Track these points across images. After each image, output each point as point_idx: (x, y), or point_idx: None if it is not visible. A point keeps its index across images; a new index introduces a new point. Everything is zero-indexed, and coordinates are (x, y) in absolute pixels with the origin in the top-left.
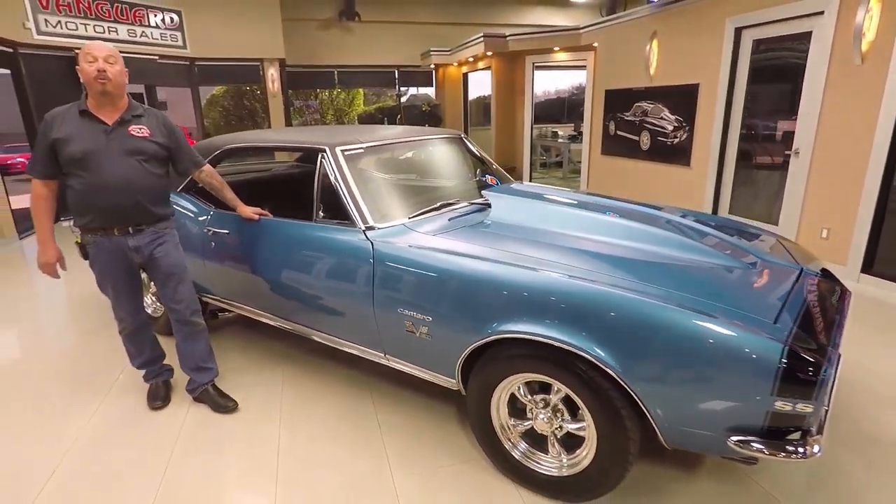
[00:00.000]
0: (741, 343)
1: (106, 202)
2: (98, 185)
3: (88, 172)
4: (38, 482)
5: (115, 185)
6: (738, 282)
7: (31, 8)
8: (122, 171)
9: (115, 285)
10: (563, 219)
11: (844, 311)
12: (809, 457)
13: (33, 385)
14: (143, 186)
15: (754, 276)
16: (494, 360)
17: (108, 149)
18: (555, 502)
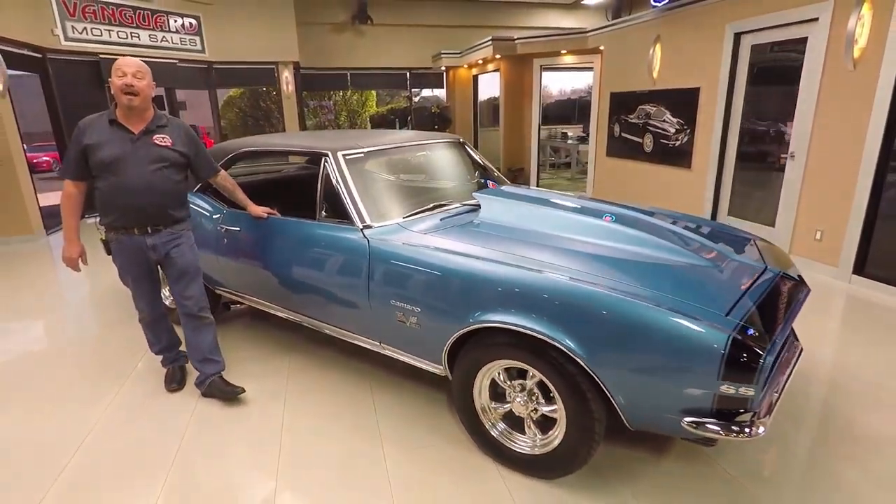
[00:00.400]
0: (691, 333)
1: (129, 203)
2: (123, 187)
3: (115, 176)
4: (68, 453)
5: (138, 188)
6: (700, 279)
7: (59, 15)
8: (145, 176)
9: (135, 279)
10: (546, 220)
11: (795, 307)
12: (754, 436)
13: (61, 370)
14: (163, 190)
15: (717, 273)
16: (476, 348)
17: (133, 156)
18: (529, 478)
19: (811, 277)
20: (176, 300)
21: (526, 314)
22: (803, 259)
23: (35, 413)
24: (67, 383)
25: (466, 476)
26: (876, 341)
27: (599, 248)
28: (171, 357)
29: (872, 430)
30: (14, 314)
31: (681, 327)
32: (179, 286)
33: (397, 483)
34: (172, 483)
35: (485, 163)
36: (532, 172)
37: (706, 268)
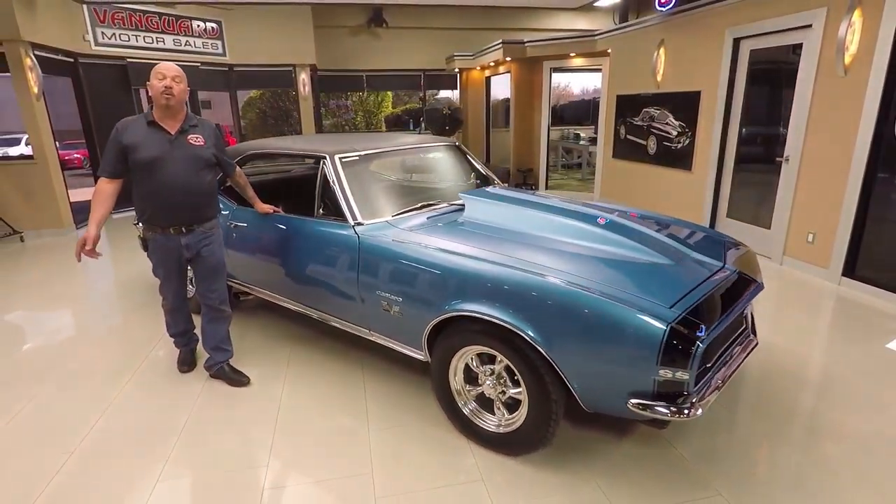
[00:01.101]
0: (634, 322)
1: (166, 202)
2: (161, 186)
3: (153, 176)
4: (90, 422)
5: (175, 186)
6: (655, 274)
7: (90, 22)
8: (182, 174)
9: (167, 274)
10: (524, 219)
11: (742, 302)
12: (692, 417)
13: (87, 351)
14: (198, 189)
15: (673, 270)
16: (452, 335)
17: (170, 155)
18: (498, 455)
19: (803, 279)
20: (200, 293)
21: (493, 304)
22: (796, 261)
23: (64, 388)
24: (91, 363)
25: (441, 451)
26: (853, 340)
27: (569, 247)
28: (184, 341)
29: (828, 422)
30: (46, 301)
31: (625, 317)
32: (206, 283)
33: (377, 455)
34: (180, 449)
35: (480, 165)
36: (541, 173)
37: (664, 265)
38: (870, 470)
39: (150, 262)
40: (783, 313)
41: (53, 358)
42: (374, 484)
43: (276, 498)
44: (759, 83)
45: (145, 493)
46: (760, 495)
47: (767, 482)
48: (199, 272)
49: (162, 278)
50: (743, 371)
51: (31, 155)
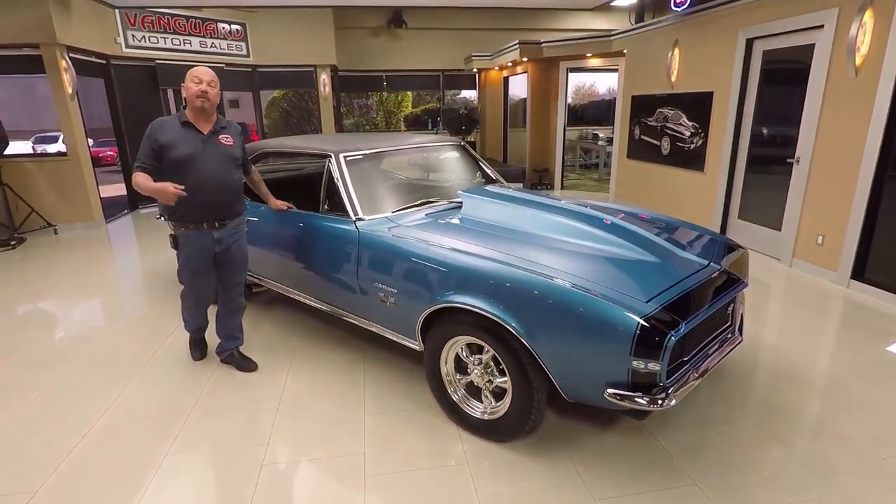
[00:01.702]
0: (610, 315)
1: (200, 199)
2: (195, 184)
3: (187, 173)
4: (112, 398)
5: (208, 184)
6: (637, 270)
7: (121, 25)
8: (215, 173)
9: (197, 271)
10: (518, 217)
11: (722, 298)
12: (665, 407)
13: (110, 338)
14: (229, 186)
15: (655, 266)
16: (443, 325)
17: (203, 154)
18: (484, 441)
19: (811, 281)
20: (224, 286)
21: (480, 296)
22: (805, 263)
23: (88, 369)
24: (113, 347)
25: (431, 437)
26: (855, 342)
27: (558, 244)
28: (201, 334)
29: (814, 421)
30: (76, 290)
31: (602, 310)
32: (232, 275)
33: (371, 438)
34: (188, 427)
35: (485, 164)
36: (557, 173)
37: (649, 262)
38: (848, 468)
39: (179, 259)
40: (787, 314)
41: (80, 342)
42: (366, 464)
43: (273, 473)
44: (772, 84)
45: (154, 465)
46: (736, 488)
47: (745, 476)
48: (226, 265)
49: (189, 277)
50: (737, 369)
51: (65, 152)
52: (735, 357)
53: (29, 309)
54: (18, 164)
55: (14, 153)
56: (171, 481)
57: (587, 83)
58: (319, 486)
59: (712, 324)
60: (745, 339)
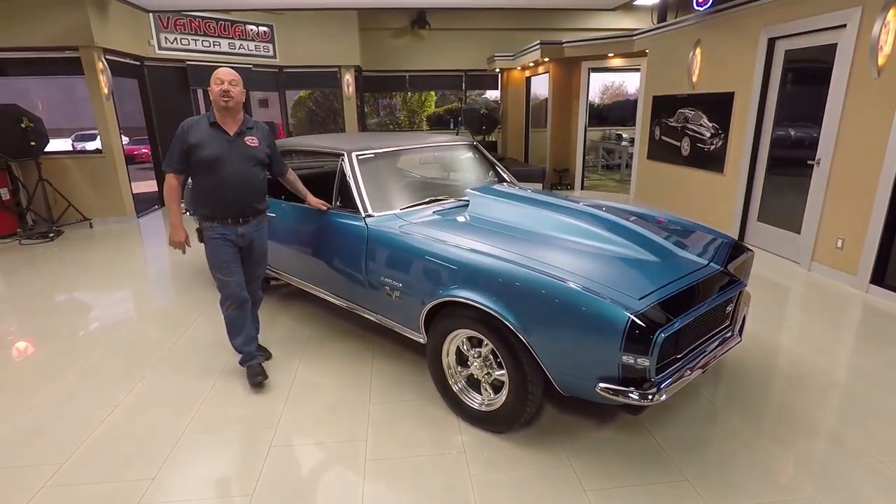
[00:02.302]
0: (602, 310)
1: (225, 197)
2: (221, 183)
3: (214, 173)
4: (132, 385)
5: (234, 183)
6: (634, 268)
7: (154, 28)
8: (240, 172)
9: (226, 264)
10: (523, 216)
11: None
12: (655, 402)
13: (135, 325)
14: (253, 185)
15: (653, 265)
16: (445, 318)
17: (230, 154)
18: (482, 431)
19: (829, 285)
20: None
21: (479, 291)
22: (824, 267)
23: (116, 355)
24: (139, 334)
25: (432, 426)
26: (867, 347)
27: (560, 242)
28: (251, 354)
29: (815, 423)
30: (108, 280)
31: (595, 306)
32: (253, 269)
33: (374, 425)
34: (203, 410)
35: (497, 164)
36: (577, 173)
37: (647, 261)
38: (845, 470)
39: (207, 255)
40: (801, 318)
41: (109, 328)
42: (367, 449)
43: (280, 454)
44: (794, 84)
45: (172, 442)
46: (726, 485)
47: (737, 473)
48: (248, 259)
49: (222, 271)
50: (744, 370)
51: (101, 149)
52: (743, 358)
53: (65, 297)
54: (57, 161)
55: (53, 150)
56: (186, 457)
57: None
58: (322, 467)
59: (709, 323)
60: (755, 340)
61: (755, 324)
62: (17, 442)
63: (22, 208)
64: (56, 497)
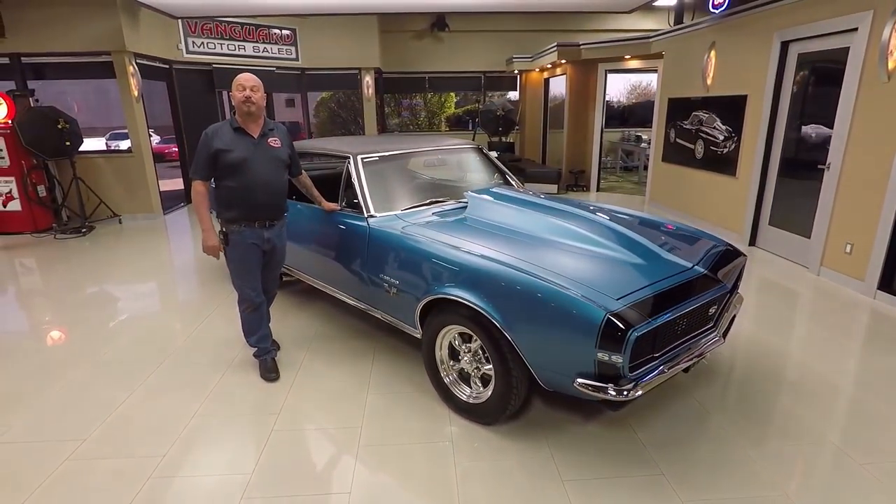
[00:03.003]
0: (580, 309)
1: (254, 200)
2: (249, 185)
3: (241, 176)
4: (151, 370)
5: (261, 185)
6: (617, 270)
7: (182, 32)
8: (266, 174)
9: (249, 268)
10: (518, 217)
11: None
12: (630, 398)
13: (157, 315)
14: (278, 187)
15: (637, 267)
16: (439, 314)
17: (255, 157)
18: (470, 422)
19: (836, 290)
20: (264, 281)
21: (468, 289)
22: (832, 272)
23: (139, 342)
24: (162, 324)
25: (424, 417)
26: (868, 353)
27: (550, 243)
28: (265, 348)
29: (801, 425)
30: (135, 274)
31: (573, 304)
32: (273, 271)
33: (369, 414)
34: (212, 397)
35: (502, 166)
36: (593, 175)
37: (632, 263)
38: (822, 471)
39: (228, 256)
40: (803, 322)
41: (134, 317)
42: (361, 436)
43: (281, 437)
44: (806, 88)
45: (184, 422)
46: (701, 480)
47: (712, 470)
48: (269, 263)
49: (243, 277)
50: (737, 372)
51: (130, 149)
52: (739, 361)
53: (95, 289)
54: (90, 160)
55: (86, 150)
56: (195, 438)
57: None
58: (318, 451)
59: (689, 324)
60: (754, 343)
61: (755, 327)
62: (44, 420)
63: (57, 205)
64: (75, 470)
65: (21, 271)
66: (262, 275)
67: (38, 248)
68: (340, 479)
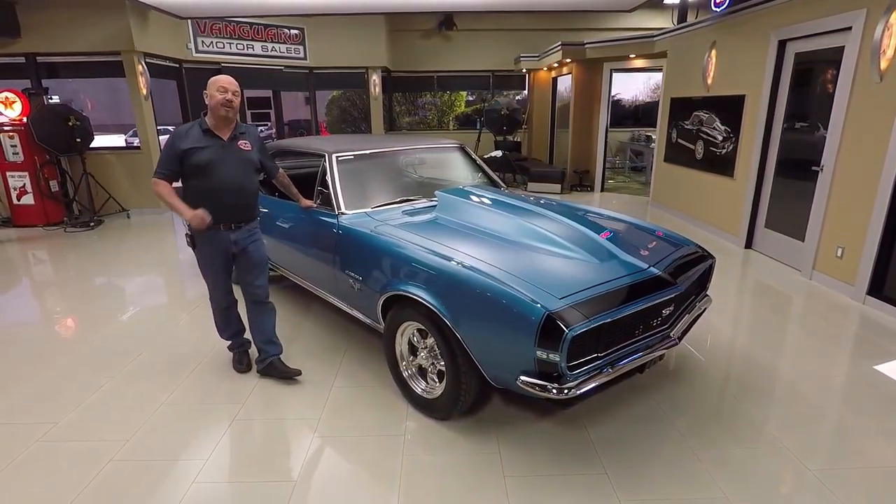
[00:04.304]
0: (522, 307)
1: (220, 202)
2: (216, 188)
3: (209, 178)
4: (130, 360)
5: (228, 188)
6: (568, 269)
7: (192, 32)
8: (234, 177)
9: (215, 271)
10: (485, 218)
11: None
12: (569, 396)
13: (164, 306)
14: (247, 190)
15: (589, 267)
16: (398, 310)
17: (223, 159)
18: (425, 417)
19: (826, 295)
20: (246, 289)
21: (420, 286)
22: (824, 276)
23: (124, 334)
24: (168, 314)
25: (383, 410)
26: (845, 358)
27: (509, 243)
28: (238, 342)
29: (756, 429)
30: (141, 267)
31: (515, 302)
32: (251, 276)
33: (331, 404)
34: (188, 383)
35: (485, 166)
36: (597, 175)
37: (586, 262)
38: (766, 474)
39: (198, 259)
40: (785, 327)
41: (128, 308)
42: (318, 427)
43: (240, 426)
44: (803, 88)
45: (153, 408)
46: (642, 480)
47: (655, 471)
48: (245, 267)
49: (210, 278)
50: (706, 375)
51: (139, 146)
52: (710, 363)
53: (103, 280)
54: (100, 156)
55: (97, 146)
56: (161, 423)
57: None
58: (273, 440)
59: (640, 324)
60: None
61: (734, 330)
62: (25, 403)
63: (69, 199)
64: (45, 450)
65: (33, 262)
66: (245, 282)
67: (50, 241)
68: (290, 468)
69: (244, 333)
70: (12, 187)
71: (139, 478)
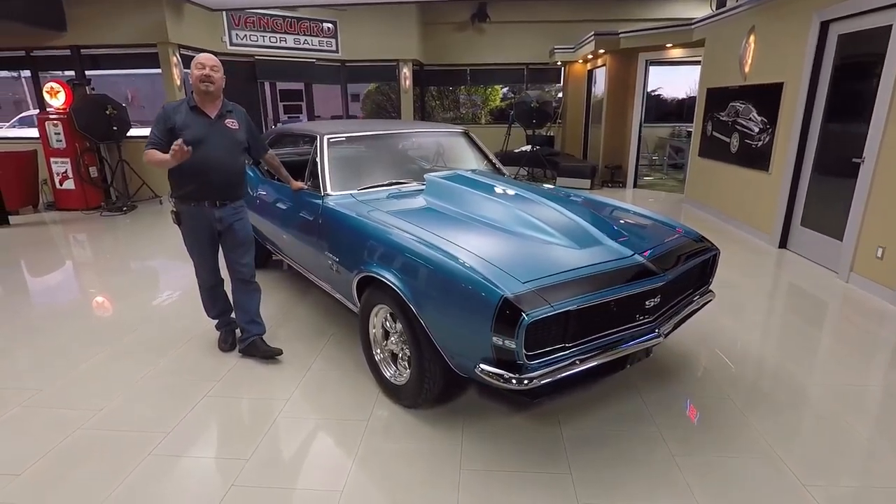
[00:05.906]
0: (480, 289)
1: (206, 179)
2: (202, 164)
3: (195, 155)
4: (130, 331)
5: (214, 165)
6: (542, 253)
7: (227, 26)
8: (221, 154)
9: (200, 247)
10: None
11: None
12: (528, 387)
13: (188, 287)
14: (233, 168)
15: (566, 252)
16: (369, 292)
17: (210, 136)
18: (394, 404)
19: (862, 299)
20: (231, 267)
21: (386, 267)
22: (862, 278)
23: (125, 307)
24: (189, 294)
25: (354, 394)
26: (865, 367)
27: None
28: (225, 321)
29: (749, 438)
30: (168, 250)
31: (473, 284)
32: (236, 254)
33: (304, 386)
34: (172, 358)
35: (489, 152)
36: (630, 171)
37: (564, 247)
38: (754, 485)
39: (183, 236)
40: (809, 333)
41: (136, 287)
42: (285, 408)
43: (210, 402)
44: (846, 74)
45: (132, 381)
46: (608, 484)
47: (626, 475)
48: (230, 245)
49: (196, 256)
50: (705, 377)
51: None
52: (711, 364)
53: (127, 262)
54: (135, 144)
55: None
56: (136, 395)
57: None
58: (237, 418)
59: (617, 315)
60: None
61: (747, 332)
62: (20, 369)
63: (107, 185)
64: (22, 415)
65: (73, 243)
66: (230, 261)
67: (87, 224)
68: (245, 447)
69: (231, 313)
70: (55, 172)
71: (100, 447)
